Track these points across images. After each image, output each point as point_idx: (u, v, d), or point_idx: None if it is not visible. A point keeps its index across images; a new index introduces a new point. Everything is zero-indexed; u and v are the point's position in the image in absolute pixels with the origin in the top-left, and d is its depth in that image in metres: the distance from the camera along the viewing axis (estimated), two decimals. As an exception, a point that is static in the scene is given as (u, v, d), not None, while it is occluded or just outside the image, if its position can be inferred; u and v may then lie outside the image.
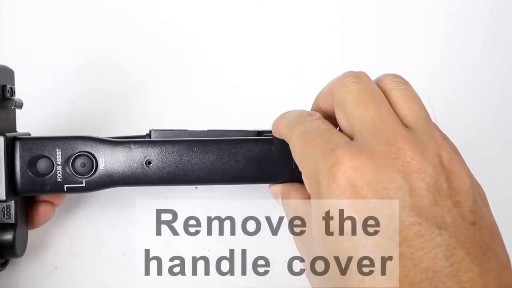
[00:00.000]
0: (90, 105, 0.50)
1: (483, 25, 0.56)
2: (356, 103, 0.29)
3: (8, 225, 0.37)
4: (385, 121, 0.28)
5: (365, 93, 0.29)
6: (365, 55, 0.56)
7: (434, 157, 0.26)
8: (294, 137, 0.30)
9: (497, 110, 0.53)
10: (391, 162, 0.25)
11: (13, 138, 0.35)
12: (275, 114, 0.34)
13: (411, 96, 0.30)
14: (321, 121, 0.30)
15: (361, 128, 0.28)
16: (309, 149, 0.28)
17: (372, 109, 0.28)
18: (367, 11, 0.57)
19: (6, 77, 0.36)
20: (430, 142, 0.27)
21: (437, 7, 0.56)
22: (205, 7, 0.54)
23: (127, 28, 0.52)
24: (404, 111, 0.29)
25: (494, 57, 0.55)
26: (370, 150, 0.26)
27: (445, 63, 0.55)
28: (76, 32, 0.51)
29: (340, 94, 0.30)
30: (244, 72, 0.54)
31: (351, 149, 0.26)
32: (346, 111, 0.29)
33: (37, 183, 0.35)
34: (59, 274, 0.42)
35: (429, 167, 0.26)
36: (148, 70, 0.51)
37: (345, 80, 0.30)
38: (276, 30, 0.55)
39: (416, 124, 0.28)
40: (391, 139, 0.26)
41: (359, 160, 0.26)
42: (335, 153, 0.26)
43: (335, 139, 0.28)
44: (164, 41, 0.52)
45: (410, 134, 0.27)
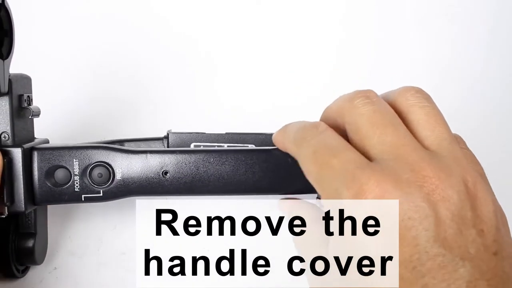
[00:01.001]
0: (104, 110, 0.51)
1: (486, 27, 0.56)
2: (371, 126, 0.28)
3: (28, 234, 0.38)
4: (405, 144, 0.27)
5: (379, 115, 0.28)
6: (365, 55, 0.56)
7: (459, 183, 0.25)
8: (305, 157, 0.29)
9: (501, 113, 0.53)
10: (417, 191, 0.25)
11: (30, 148, 0.35)
12: (283, 115, 0.34)
13: (434, 115, 0.28)
14: (329, 134, 0.29)
15: (381, 152, 0.27)
16: (326, 171, 0.27)
17: (390, 132, 0.27)
18: (368, 13, 0.57)
19: (23, 85, 0.36)
20: (454, 167, 0.26)
21: (438, 8, 0.56)
22: (211, 11, 0.55)
23: (136, 36, 0.53)
24: (427, 131, 0.28)
25: (497, 59, 0.55)
26: (395, 176, 0.25)
27: (447, 65, 0.55)
28: (88, 41, 0.52)
29: (352, 116, 0.29)
30: (248, 74, 0.54)
31: (375, 174, 0.25)
32: (361, 134, 0.28)
33: (55, 193, 0.35)
34: (59, 274, 0.42)
35: (454, 195, 0.25)
36: (156, 75, 0.52)
37: (355, 102, 0.29)
38: (277, 32, 0.55)
39: (439, 146, 0.27)
40: (415, 165, 0.25)
41: (385, 187, 0.25)
42: (359, 178, 0.25)
43: (352, 159, 0.27)
44: (172, 47, 0.53)
45: (433, 159, 0.26)
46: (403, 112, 0.29)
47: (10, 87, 0.34)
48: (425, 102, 0.29)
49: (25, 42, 0.43)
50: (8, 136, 0.34)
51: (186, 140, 0.40)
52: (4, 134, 0.34)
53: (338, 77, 0.55)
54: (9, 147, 0.34)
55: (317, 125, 0.30)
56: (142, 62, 0.54)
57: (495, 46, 0.56)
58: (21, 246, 0.38)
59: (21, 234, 0.38)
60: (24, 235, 0.38)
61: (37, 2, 0.53)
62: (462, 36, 0.57)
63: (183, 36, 0.55)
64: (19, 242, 0.38)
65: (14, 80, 0.34)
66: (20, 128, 0.35)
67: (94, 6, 0.54)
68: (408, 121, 0.29)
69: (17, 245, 0.38)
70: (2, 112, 0.34)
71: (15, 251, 0.38)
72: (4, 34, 0.34)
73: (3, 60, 0.33)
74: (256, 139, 0.41)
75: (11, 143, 0.34)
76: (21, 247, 0.38)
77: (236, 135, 0.40)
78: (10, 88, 0.34)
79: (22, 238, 0.38)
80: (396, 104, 0.30)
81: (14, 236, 0.38)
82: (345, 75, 0.56)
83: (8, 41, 0.34)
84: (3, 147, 0.34)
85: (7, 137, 0.34)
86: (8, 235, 0.38)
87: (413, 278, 0.23)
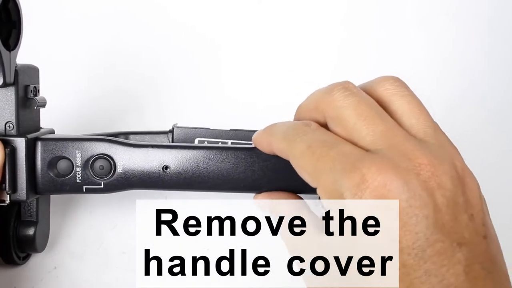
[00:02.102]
0: (111, 103, 0.51)
1: (485, 26, 0.56)
2: (358, 118, 0.27)
3: (29, 222, 0.39)
4: (396, 134, 0.27)
5: (365, 106, 0.28)
6: (366, 55, 0.56)
7: (451, 169, 0.26)
8: (299, 152, 0.28)
9: (500, 112, 0.53)
10: (415, 179, 0.25)
11: (34, 138, 0.35)
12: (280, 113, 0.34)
13: (416, 103, 0.29)
14: (322, 131, 0.29)
15: (374, 143, 0.27)
16: (323, 163, 0.27)
17: (379, 122, 0.27)
18: (368, 12, 0.57)
19: (29, 76, 0.36)
20: (443, 153, 0.27)
21: (439, 7, 0.56)
22: (219, 6, 0.55)
23: (144, 30, 0.53)
24: (412, 120, 0.28)
25: (496, 59, 0.55)
26: (394, 165, 0.25)
27: (447, 65, 0.55)
28: (97, 34, 0.52)
29: (334, 110, 0.29)
30: (252, 72, 0.54)
31: (376, 163, 0.25)
32: (348, 126, 0.28)
33: (57, 183, 0.36)
34: (59, 274, 0.42)
35: (448, 181, 0.25)
36: (164, 70, 0.52)
37: (335, 95, 0.29)
38: (284, 28, 0.55)
39: (425, 134, 0.28)
40: (410, 154, 0.26)
41: (386, 175, 0.25)
42: (359, 168, 0.25)
43: (350, 151, 0.27)
44: (181, 44, 0.53)
45: (425, 147, 0.26)
46: (385, 102, 0.29)
47: (16, 77, 0.34)
48: (405, 91, 0.29)
49: (33, 34, 0.43)
50: (12, 126, 0.35)
51: (191, 135, 0.40)
52: (8, 123, 0.35)
53: (342, 75, 0.55)
54: (13, 136, 0.34)
55: (308, 124, 0.30)
56: (150, 56, 0.54)
57: (495, 45, 0.56)
58: (22, 234, 0.39)
59: (23, 222, 0.39)
60: (25, 223, 0.39)
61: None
62: (463, 36, 0.57)
63: (192, 31, 0.55)
64: (21, 229, 0.39)
65: (20, 70, 0.35)
66: (25, 118, 0.36)
67: (101, 3, 0.55)
68: (391, 111, 0.29)
69: (18, 233, 0.39)
70: (7, 102, 0.35)
71: (16, 238, 0.39)
72: (12, 25, 0.34)
73: (9, 52, 0.33)
74: None
75: (15, 133, 0.35)
76: (22, 234, 0.39)
77: (240, 132, 0.40)
78: (16, 78, 0.34)
79: (23, 225, 0.39)
80: (376, 94, 0.29)
81: (15, 224, 0.39)
82: (347, 75, 0.56)
83: (16, 32, 0.34)
84: (7, 137, 0.34)
85: (12, 126, 0.35)
86: (10, 222, 0.38)
87: (416, 264, 0.24)
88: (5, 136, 0.34)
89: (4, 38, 0.33)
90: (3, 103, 0.35)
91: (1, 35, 0.33)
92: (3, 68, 0.33)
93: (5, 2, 0.33)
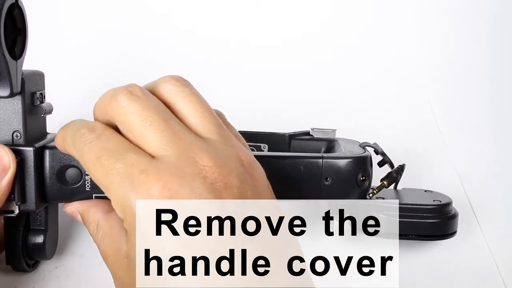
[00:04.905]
0: None
1: (485, 25, 0.56)
2: (143, 124, 0.28)
3: (39, 230, 0.40)
4: (182, 138, 0.27)
5: (149, 112, 0.28)
6: (366, 55, 0.56)
7: (237, 166, 0.27)
8: (89, 163, 0.29)
9: (500, 111, 0.53)
10: (202, 183, 0.26)
11: (42, 147, 0.35)
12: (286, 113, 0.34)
13: (198, 102, 0.29)
14: (108, 135, 0.29)
15: (160, 149, 0.27)
16: (112, 178, 0.27)
17: (164, 127, 0.28)
18: (367, 11, 0.57)
19: (35, 83, 0.36)
20: (228, 149, 0.28)
21: (440, 7, 0.56)
22: (224, 9, 0.55)
23: (149, 36, 0.53)
24: (196, 119, 0.29)
25: (496, 58, 0.55)
26: (179, 172, 0.26)
27: (446, 63, 0.55)
28: (102, 41, 0.52)
29: (121, 116, 0.29)
30: (252, 72, 0.54)
31: (160, 174, 0.26)
32: (135, 133, 0.28)
33: (66, 192, 0.36)
34: (59, 274, 0.42)
35: (234, 179, 0.26)
36: (163, 73, 0.52)
37: (120, 100, 0.29)
38: (292, 29, 0.55)
39: (210, 132, 0.29)
40: (196, 157, 0.26)
41: (171, 187, 0.26)
42: (145, 182, 0.26)
43: (136, 161, 0.27)
44: (181, 46, 0.53)
45: (210, 147, 0.27)
46: (169, 103, 0.30)
47: (23, 86, 0.34)
48: (187, 90, 0.30)
49: (39, 39, 0.43)
50: (20, 135, 0.35)
51: None
52: (16, 133, 0.35)
53: (342, 75, 0.55)
54: (21, 146, 0.34)
55: (94, 127, 0.30)
56: (155, 60, 0.54)
57: (496, 44, 0.56)
58: (31, 242, 0.39)
59: (32, 230, 0.40)
60: (34, 231, 0.40)
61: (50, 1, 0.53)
62: (463, 36, 0.57)
63: (192, 32, 0.55)
64: (30, 238, 0.39)
65: (27, 78, 0.35)
66: (32, 126, 0.36)
67: (105, 6, 0.55)
68: (176, 111, 0.29)
69: (28, 241, 0.39)
70: (14, 111, 0.34)
71: (25, 246, 0.39)
72: (18, 32, 0.34)
73: (16, 60, 0.33)
74: (269, 139, 0.41)
75: (23, 142, 0.34)
76: (31, 242, 0.39)
77: (248, 134, 0.40)
78: (22, 87, 0.34)
79: (33, 234, 0.39)
80: (160, 95, 0.30)
81: (25, 232, 0.39)
82: (347, 75, 0.56)
83: (22, 40, 0.34)
84: (15, 146, 0.34)
85: (19, 136, 0.35)
86: (19, 231, 0.38)
87: None
88: (13, 145, 0.34)
89: (10, 46, 0.33)
90: (10, 113, 0.34)
91: (7, 43, 0.32)
92: (10, 78, 0.32)
93: (11, 9, 0.32)
